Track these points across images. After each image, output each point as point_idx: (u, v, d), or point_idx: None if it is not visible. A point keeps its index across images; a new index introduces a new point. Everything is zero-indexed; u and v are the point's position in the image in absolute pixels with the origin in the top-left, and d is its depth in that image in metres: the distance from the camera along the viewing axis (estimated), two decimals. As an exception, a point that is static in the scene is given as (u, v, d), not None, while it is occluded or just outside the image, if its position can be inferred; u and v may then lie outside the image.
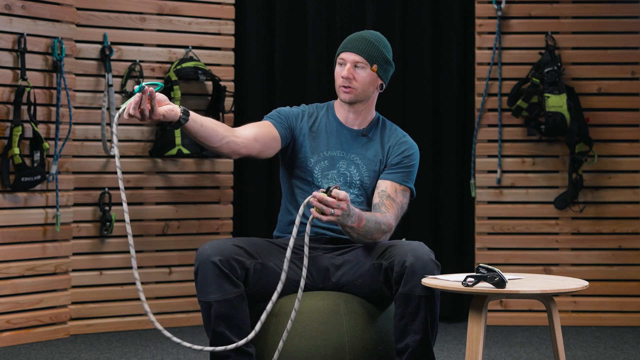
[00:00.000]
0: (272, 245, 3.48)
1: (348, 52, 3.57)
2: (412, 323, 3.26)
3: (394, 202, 3.53)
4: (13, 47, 5.04)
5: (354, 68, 3.56)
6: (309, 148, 3.58)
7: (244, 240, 3.41)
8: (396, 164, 3.59)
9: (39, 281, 5.18)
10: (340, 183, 3.55)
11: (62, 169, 5.26)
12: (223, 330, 3.28)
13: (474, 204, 5.85)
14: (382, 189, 3.56)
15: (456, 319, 5.83)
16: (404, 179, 3.59)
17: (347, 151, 3.59)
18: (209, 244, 3.32)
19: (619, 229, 5.76)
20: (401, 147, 3.62)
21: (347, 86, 3.55)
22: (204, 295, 3.29)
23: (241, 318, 3.30)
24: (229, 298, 3.27)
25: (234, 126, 5.75)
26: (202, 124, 3.24)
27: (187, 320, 5.65)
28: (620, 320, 5.74)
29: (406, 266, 3.24)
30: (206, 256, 3.28)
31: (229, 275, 3.28)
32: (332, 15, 6.00)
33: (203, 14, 5.68)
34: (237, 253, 3.32)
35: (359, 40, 3.57)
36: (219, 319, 3.28)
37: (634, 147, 5.77)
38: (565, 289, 3.13)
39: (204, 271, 3.28)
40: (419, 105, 5.97)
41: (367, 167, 3.58)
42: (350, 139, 3.61)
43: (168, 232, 5.60)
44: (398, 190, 3.57)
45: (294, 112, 3.63)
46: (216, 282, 3.26)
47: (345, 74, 3.55)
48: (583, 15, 5.79)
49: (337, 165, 3.58)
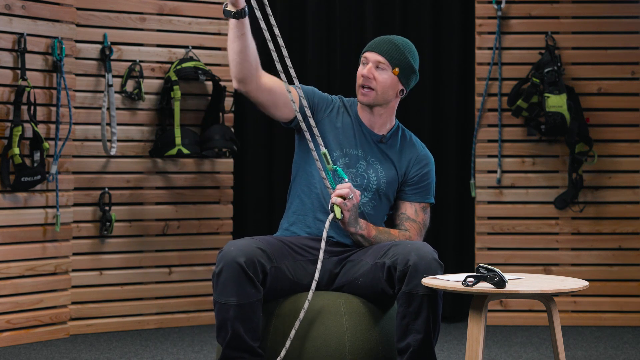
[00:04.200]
0: (285, 247, 3.45)
1: (371, 52, 3.55)
2: (414, 322, 3.25)
3: (415, 224, 3.59)
4: (13, 47, 5.04)
5: (375, 68, 3.54)
6: (332, 140, 3.55)
7: (263, 241, 3.37)
8: (416, 183, 3.60)
9: (39, 281, 5.18)
10: (357, 184, 3.53)
11: (62, 169, 5.25)
12: (242, 334, 3.25)
13: (474, 204, 5.85)
14: (402, 211, 3.60)
15: (456, 319, 5.83)
16: (425, 196, 3.62)
17: (367, 153, 3.57)
18: (233, 245, 3.28)
19: (619, 229, 5.76)
20: (421, 163, 3.61)
21: (367, 86, 3.53)
22: (224, 297, 3.25)
23: (257, 321, 3.29)
24: (250, 302, 3.25)
25: (234, 127, 5.78)
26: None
27: (187, 320, 5.65)
28: (620, 320, 5.74)
29: (409, 265, 3.24)
30: (232, 257, 3.23)
31: (253, 279, 3.25)
32: (332, 15, 6.01)
33: (203, 14, 5.68)
34: (261, 256, 3.29)
35: (384, 42, 3.56)
36: (238, 321, 3.25)
37: (634, 147, 5.77)
38: (565, 289, 3.13)
39: (228, 273, 3.23)
40: (419, 105, 5.97)
41: (385, 174, 3.57)
42: (370, 141, 3.59)
43: (168, 232, 5.60)
44: (418, 209, 3.61)
45: (325, 98, 3.61)
46: (239, 285, 3.23)
47: (365, 73, 3.52)
48: (583, 15, 5.79)
49: (357, 164, 3.56)
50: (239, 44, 3.32)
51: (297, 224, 3.56)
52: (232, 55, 3.35)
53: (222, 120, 5.61)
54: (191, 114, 5.65)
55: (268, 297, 3.38)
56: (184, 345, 5.11)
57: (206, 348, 5.02)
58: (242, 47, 3.33)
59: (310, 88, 3.60)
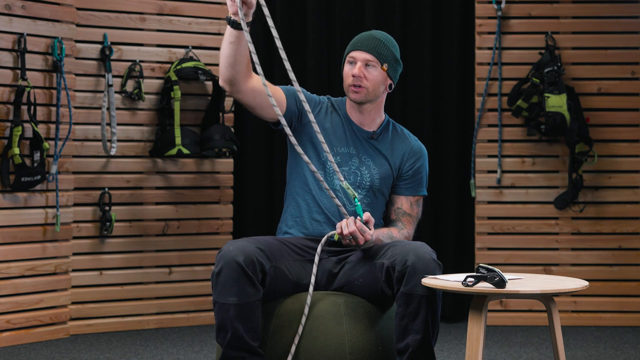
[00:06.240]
0: (284, 247, 3.46)
1: (359, 51, 3.56)
2: (413, 323, 3.25)
3: (410, 217, 3.62)
4: (13, 47, 5.04)
5: (364, 67, 3.55)
6: None
7: (262, 241, 3.38)
8: (411, 177, 3.62)
9: (39, 281, 5.18)
10: (350, 181, 3.54)
11: (62, 169, 5.26)
12: (242, 333, 3.25)
13: (474, 204, 5.85)
14: (398, 206, 3.62)
15: (456, 319, 5.83)
16: (418, 189, 3.65)
17: (358, 150, 3.59)
18: (233, 245, 3.28)
19: (619, 229, 5.76)
20: (415, 156, 3.63)
21: (358, 85, 3.54)
22: (223, 297, 3.25)
23: (256, 321, 3.29)
24: (249, 302, 3.25)
25: (234, 127, 5.78)
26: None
27: (187, 320, 5.65)
28: (620, 320, 5.74)
29: (408, 265, 3.25)
30: (231, 257, 3.24)
31: (252, 278, 3.25)
32: (332, 15, 6.01)
33: (203, 14, 5.68)
34: (260, 255, 3.29)
35: (369, 39, 3.56)
36: (238, 321, 3.25)
37: (634, 147, 5.77)
38: (565, 289, 3.13)
39: (227, 272, 3.24)
40: (419, 105, 5.97)
41: (378, 170, 3.58)
42: (361, 139, 3.60)
43: (168, 232, 5.60)
44: (413, 203, 3.63)
45: (313, 98, 3.62)
46: (239, 284, 3.23)
47: (357, 72, 3.53)
48: (583, 15, 5.79)
49: (349, 162, 3.57)
50: (231, 49, 3.35)
51: (295, 227, 3.57)
52: (223, 56, 3.38)
53: (222, 120, 5.62)
54: (191, 114, 5.65)
55: (268, 297, 3.38)
56: (184, 345, 5.11)
57: (206, 348, 5.02)
58: (233, 53, 3.35)
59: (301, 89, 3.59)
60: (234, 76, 3.38)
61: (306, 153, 3.46)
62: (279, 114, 3.25)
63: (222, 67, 3.40)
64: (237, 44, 3.32)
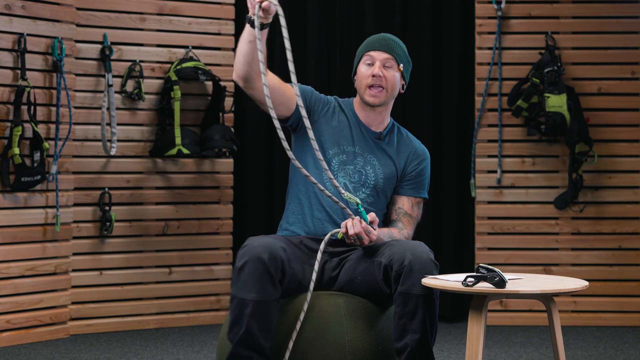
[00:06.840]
0: (296, 248, 3.46)
1: (377, 51, 3.57)
2: (411, 322, 3.25)
3: (411, 218, 3.63)
4: (13, 47, 5.04)
5: (383, 67, 3.55)
6: (328, 139, 3.56)
7: (284, 240, 3.38)
8: (413, 178, 3.64)
9: (39, 281, 5.18)
10: (354, 180, 3.55)
11: (62, 169, 5.26)
12: (255, 331, 3.24)
13: (474, 204, 5.85)
14: (399, 206, 3.63)
15: (456, 319, 5.83)
16: (419, 191, 3.66)
17: (364, 150, 3.59)
18: (257, 241, 3.28)
19: (619, 229, 5.76)
20: (419, 158, 3.65)
21: (378, 85, 3.54)
22: (243, 292, 3.23)
23: (271, 321, 3.28)
24: (267, 300, 3.24)
25: (234, 127, 5.78)
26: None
27: (187, 320, 5.65)
28: (620, 320, 5.74)
29: (405, 265, 3.25)
30: (257, 253, 3.23)
31: (274, 277, 3.25)
32: (332, 15, 6.01)
33: (203, 14, 5.68)
34: (283, 255, 3.29)
35: (385, 40, 3.59)
36: (254, 318, 3.23)
37: (634, 147, 5.77)
38: (565, 289, 3.13)
39: (250, 268, 3.22)
40: (419, 105, 5.97)
41: (383, 170, 3.59)
42: (368, 138, 3.61)
43: (168, 232, 5.60)
44: (414, 204, 3.64)
45: (321, 98, 3.63)
46: (260, 281, 3.22)
47: (377, 72, 3.54)
48: (583, 15, 5.79)
49: (355, 161, 3.57)
50: (249, 48, 3.34)
51: (296, 224, 3.57)
52: (240, 53, 3.38)
53: (222, 120, 5.62)
54: (191, 114, 5.65)
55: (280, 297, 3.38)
56: (184, 345, 5.11)
57: (206, 348, 5.02)
58: (251, 52, 3.35)
59: (308, 87, 3.62)
60: (250, 73, 3.39)
61: (311, 153, 3.49)
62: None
63: (238, 63, 3.40)
64: (255, 43, 3.32)
